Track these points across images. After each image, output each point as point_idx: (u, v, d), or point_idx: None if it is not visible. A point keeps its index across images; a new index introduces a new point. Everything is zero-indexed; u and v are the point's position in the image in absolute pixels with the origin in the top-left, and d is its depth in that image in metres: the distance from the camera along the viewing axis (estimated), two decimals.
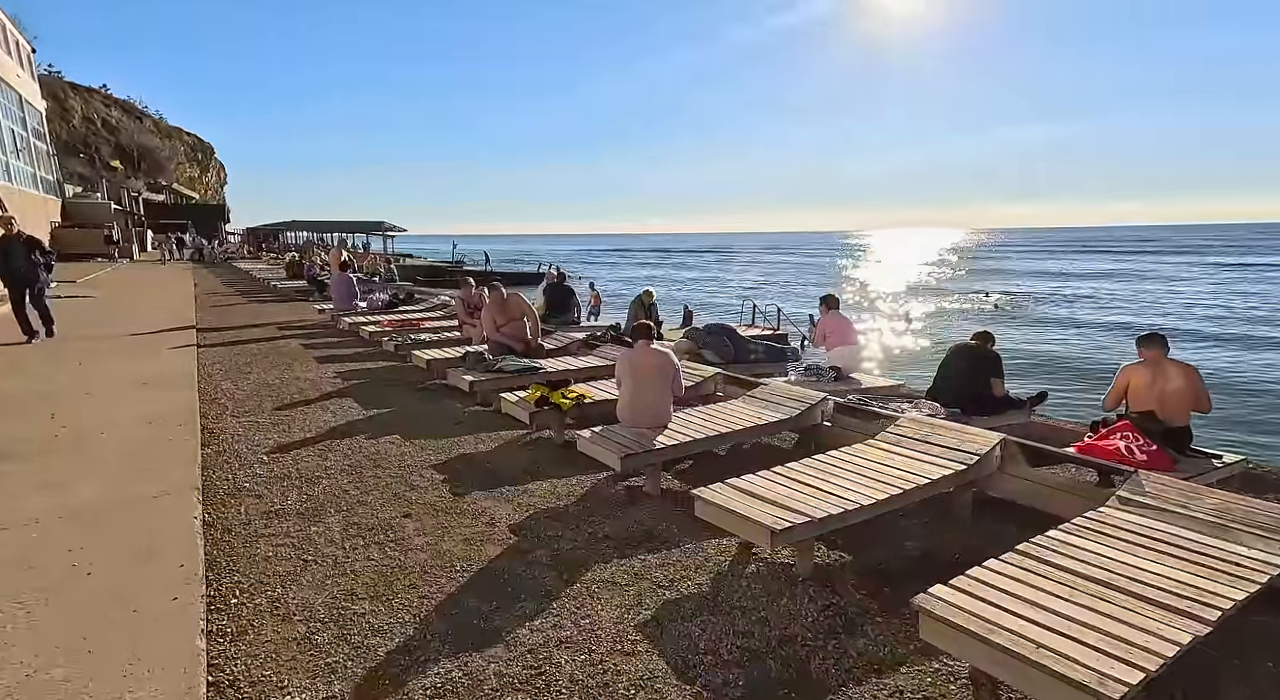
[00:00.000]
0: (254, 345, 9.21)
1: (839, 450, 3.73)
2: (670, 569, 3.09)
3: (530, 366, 6.04)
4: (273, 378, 7.12)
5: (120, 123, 66.28)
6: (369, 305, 11.18)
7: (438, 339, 8.14)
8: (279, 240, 54.38)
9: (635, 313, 9.04)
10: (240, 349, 8.86)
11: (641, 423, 4.21)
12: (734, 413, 4.56)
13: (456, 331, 8.68)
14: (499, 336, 7.05)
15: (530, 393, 5.04)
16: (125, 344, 8.82)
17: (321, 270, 18.24)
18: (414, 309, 11.65)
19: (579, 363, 6.56)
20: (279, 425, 5.35)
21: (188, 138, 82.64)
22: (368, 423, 5.49)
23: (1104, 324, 22.66)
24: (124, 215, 43.67)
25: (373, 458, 4.60)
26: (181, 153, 79.18)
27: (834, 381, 5.74)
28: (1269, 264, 51.89)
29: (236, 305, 14.55)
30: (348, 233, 48.29)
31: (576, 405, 4.88)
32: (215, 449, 4.68)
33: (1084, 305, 28.64)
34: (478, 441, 5.03)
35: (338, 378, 7.19)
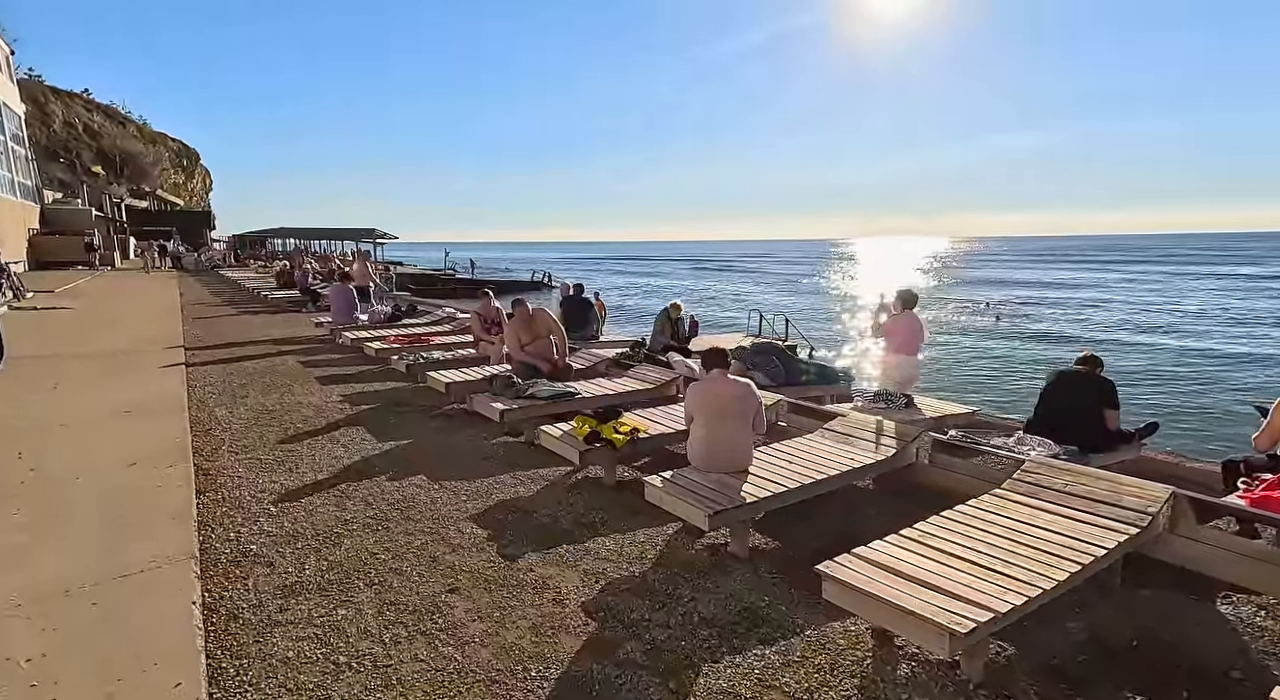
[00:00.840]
0: (248, 363, 8.49)
1: (968, 506, 3.12)
2: (800, 672, 2.45)
3: (565, 392, 5.41)
4: (272, 402, 6.42)
5: (102, 128, 65.00)
6: (370, 318, 10.49)
7: (452, 358, 7.47)
8: (265, 248, 53.34)
9: (662, 327, 8.44)
10: (233, 368, 8.14)
11: (718, 466, 3.59)
12: (819, 453, 3.95)
13: (471, 349, 8.02)
14: (524, 356, 6.41)
15: (577, 426, 4.40)
16: (106, 363, 8.08)
17: (314, 280, 17.49)
18: (418, 322, 10.96)
19: (615, 386, 5.92)
20: (284, 463, 4.67)
21: (173, 143, 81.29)
22: (385, 459, 4.82)
23: (1115, 337, 22.34)
24: (105, 222, 42.55)
25: (399, 505, 3.94)
26: (166, 159, 77.83)
27: (905, 408, 5.14)
28: (1259, 275, 52.36)
29: (226, 317, 13.77)
30: (337, 240, 47.35)
31: (631, 441, 4.25)
32: (213, 497, 3.99)
33: (1084, 313, 28.41)
34: (516, 482, 4.38)
35: (344, 402, 6.51)
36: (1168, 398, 13.40)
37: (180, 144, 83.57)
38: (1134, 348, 19.64)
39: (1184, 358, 17.95)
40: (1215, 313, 28.07)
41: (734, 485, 3.40)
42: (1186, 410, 12.33)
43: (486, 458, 4.89)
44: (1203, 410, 12.33)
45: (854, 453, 3.93)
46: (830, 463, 3.75)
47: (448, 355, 7.54)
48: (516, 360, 6.46)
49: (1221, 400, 13.07)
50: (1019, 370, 16.53)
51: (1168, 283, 45.97)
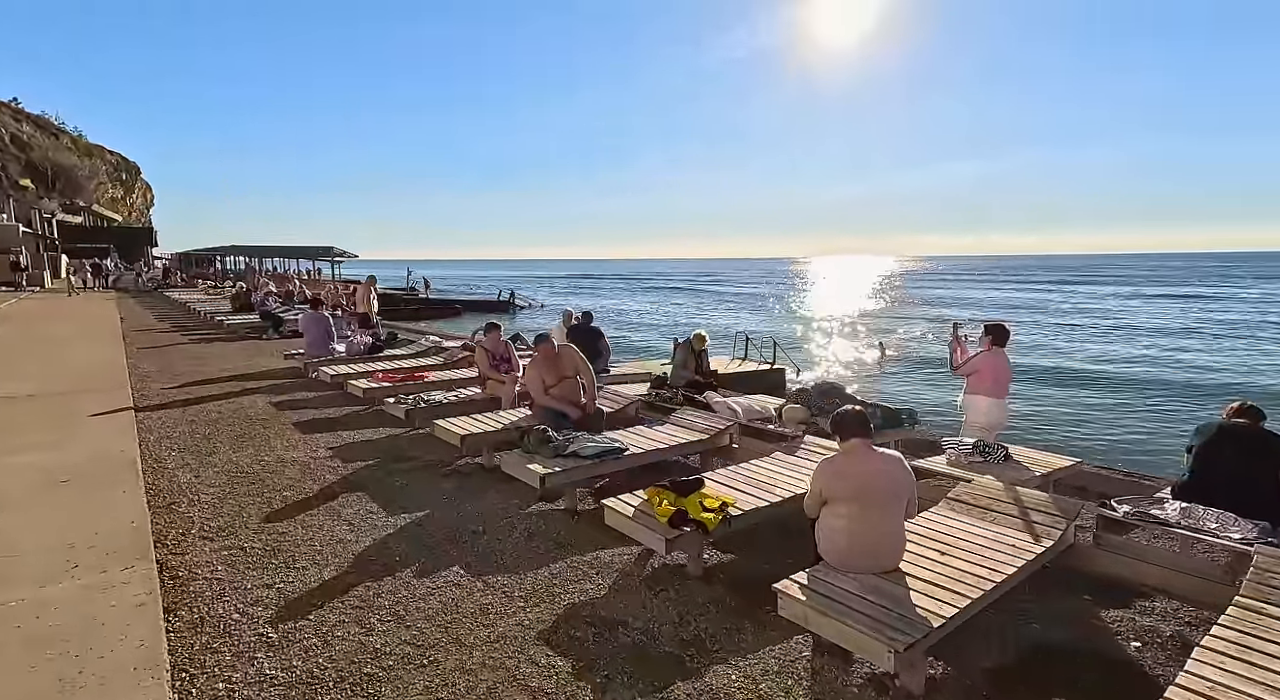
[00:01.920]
0: (210, 406, 7.33)
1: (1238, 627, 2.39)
2: None
3: (612, 448, 4.55)
4: (247, 460, 5.36)
5: (32, 139, 61.34)
6: (348, 349, 9.40)
7: (457, 400, 6.51)
8: (214, 266, 50.65)
9: (685, 361, 7.64)
10: (193, 413, 6.99)
11: (864, 564, 2.79)
12: (968, 537, 3.19)
13: (473, 387, 7.07)
14: (548, 401, 5.52)
15: (652, 500, 3.55)
16: (35, 409, 6.83)
17: (274, 302, 16.13)
18: (402, 354, 9.91)
19: (661, 437, 5.08)
20: (276, 552, 3.67)
21: (110, 156, 77.32)
22: (405, 541, 3.87)
23: (1091, 355, 22.54)
24: (35, 239, 39.71)
25: (441, 620, 3.01)
26: (103, 172, 73.90)
27: (1006, 462, 4.46)
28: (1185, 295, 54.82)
29: (177, 346, 12.40)
30: (292, 258, 45.16)
31: (724, 522, 3.43)
32: (188, 618, 2.99)
33: (1053, 333, 28.83)
34: (577, 574, 3.49)
35: (334, 457, 5.49)
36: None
37: (119, 157, 79.67)
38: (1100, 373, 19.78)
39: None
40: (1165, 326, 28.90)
41: (898, 594, 2.62)
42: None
43: (530, 535, 3.98)
44: None
45: (1010, 536, 3.19)
46: (995, 554, 2.99)
47: (450, 397, 6.58)
48: (539, 405, 5.57)
49: None
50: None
51: (1102, 301, 47.59)
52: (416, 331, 14.45)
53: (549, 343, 5.65)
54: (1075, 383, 17.24)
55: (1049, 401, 14.99)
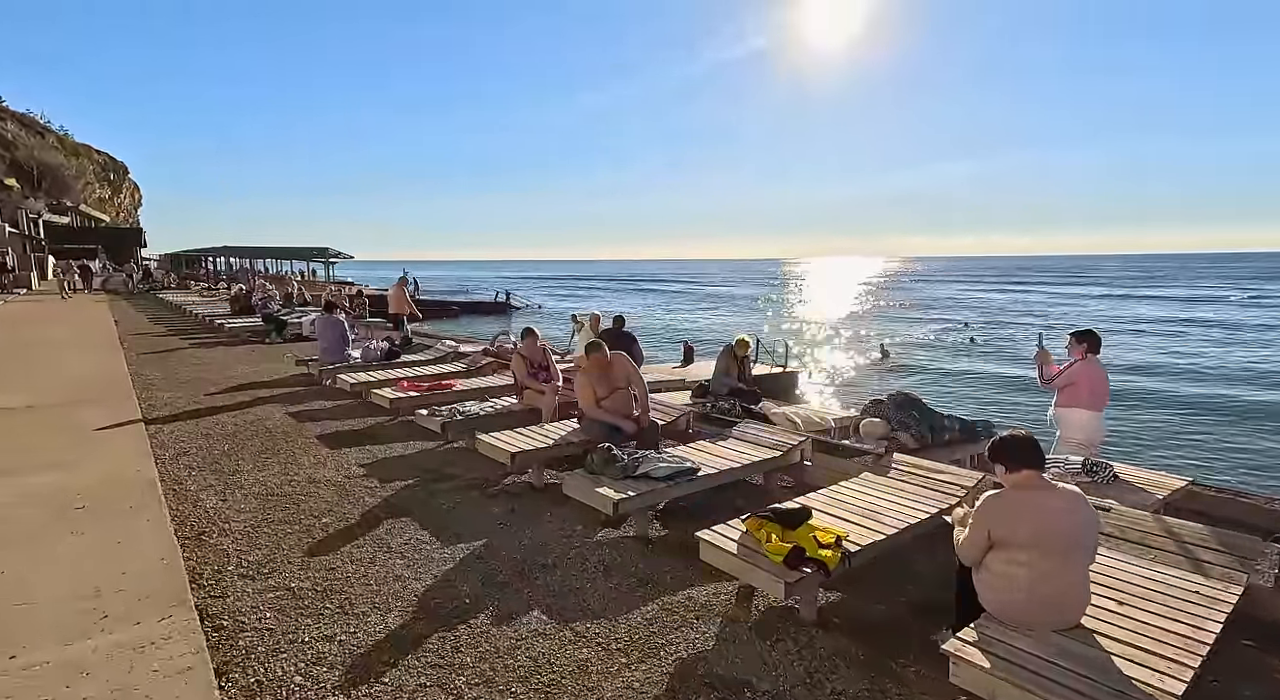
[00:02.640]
0: (224, 418, 6.86)
1: None
2: None
3: (685, 469, 4.14)
4: (275, 480, 4.91)
5: (17, 137, 60.23)
6: (364, 355, 8.93)
7: (494, 412, 6.08)
8: (205, 267, 49.81)
9: (727, 367, 7.23)
10: (207, 425, 6.52)
11: (1043, 619, 2.39)
12: (1146, 584, 2.77)
13: (507, 396, 6.64)
14: (600, 414, 5.10)
15: (755, 532, 3.14)
16: (36, 423, 6.34)
17: (269, 302, 15.58)
18: (421, 359, 9.45)
19: (728, 453, 4.67)
20: (330, 596, 3.23)
21: (98, 156, 76.17)
22: (470, 579, 3.43)
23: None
24: (21, 239, 38.84)
25: (541, 689, 2.56)
26: (90, 172, 72.76)
27: (1115, 482, 4.09)
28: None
29: (177, 351, 11.87)
30: (286, 259, 44.43)
31: (844, 560, 3.02)
32: (244, 685, 2.53)
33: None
34: (674, 618, 3.07)
35: (369, 476, 5.05)
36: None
37: (106, 156, 78.54)
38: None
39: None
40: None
41: (1099, 661, 2.21)
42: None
43: (606, 569, 3.56)
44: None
45: (1189, 581, 2.79)
46: (1186, 604, 2.59)
47: (486, 408, 6.14)
48: (590, 418, 5.15)
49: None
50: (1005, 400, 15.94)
51: (1097, 302, 47.62)
52: (429, 336, 13.96)
53: (602, 351, 5.23)
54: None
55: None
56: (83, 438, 5.82)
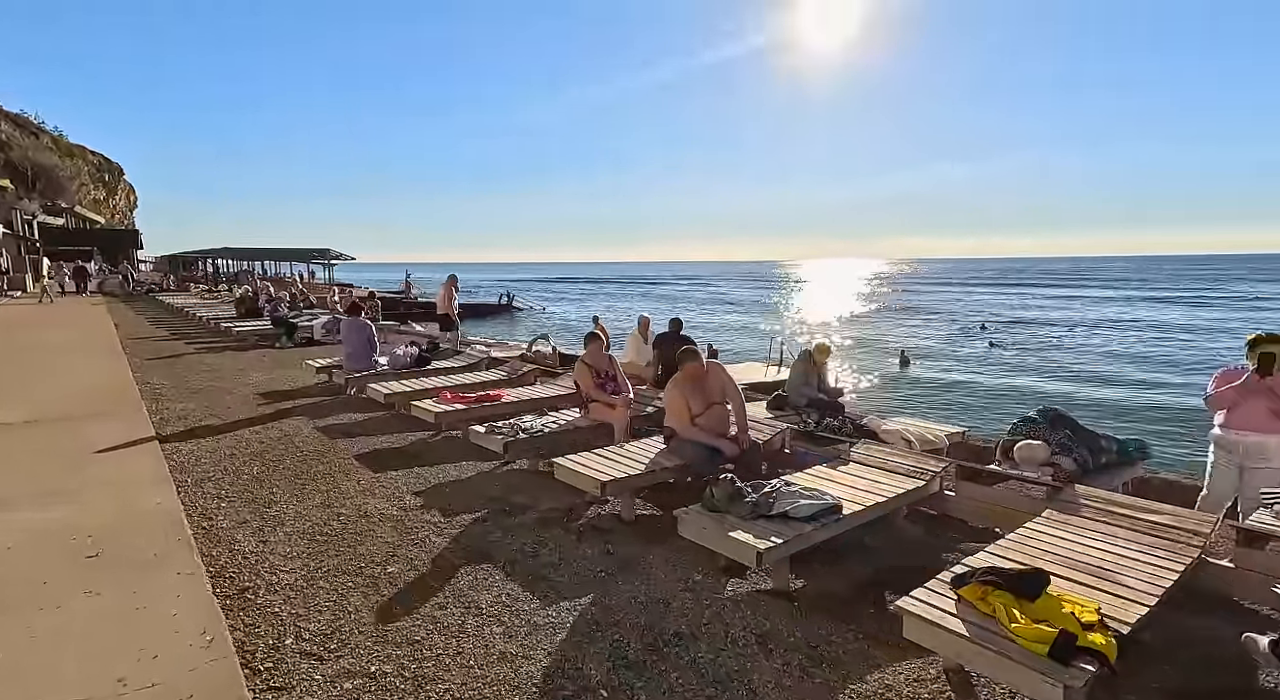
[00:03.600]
0: (247, 434, 6.11)
1: None
2: None
3: (826, 505, 3.42)
4: (319, 513, 4.17)
5: (11, 138, 59.25)
6: (392, 362, 8.19)
7: (557, 428, 5.34)
8: (203, 269, 48.95)
9: (806, 377, 6.50)
10: (229, 443, 5.77)
11: None
12: None
13: (568, 410, 5.91)
14: (696, 433, 4.37)
15: (993, 609, 2.42)
16: (36, 442, 5.59)
17: (279, 305, 14.79)
18: (450, 365, 8.71)
19: (866, 484, 3.95)
20: (423, 686, 2.48)
21: (92, 157, 75.15)
22: (593, 656, 2.69)
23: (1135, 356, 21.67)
24: (15, 240, 37.99)
25: None
26: (85, 173, 71.78)
27: None
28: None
29: (184, 357, 11.11)
30: (286, 261, 43.61)
31: (1118, 649, 2.30)
32: None
33: (1075, 336, 28.00)
34: None
35: (427, 507, 4.30)
36: None
37: (101, 157, 77.55)
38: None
39: None
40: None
41: None
42: None
43: (764, 644, 2.81)
44: None
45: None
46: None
47: (549, 424, 5.41)
48: (683, 438, 4.42)
49: None
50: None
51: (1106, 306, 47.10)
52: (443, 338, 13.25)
53: (697, 360, 4.51)
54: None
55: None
56: (91, 460, 5.07)
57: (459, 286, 12.47)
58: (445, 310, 12.25)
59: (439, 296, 12.57)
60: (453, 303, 12.30)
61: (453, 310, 12.27)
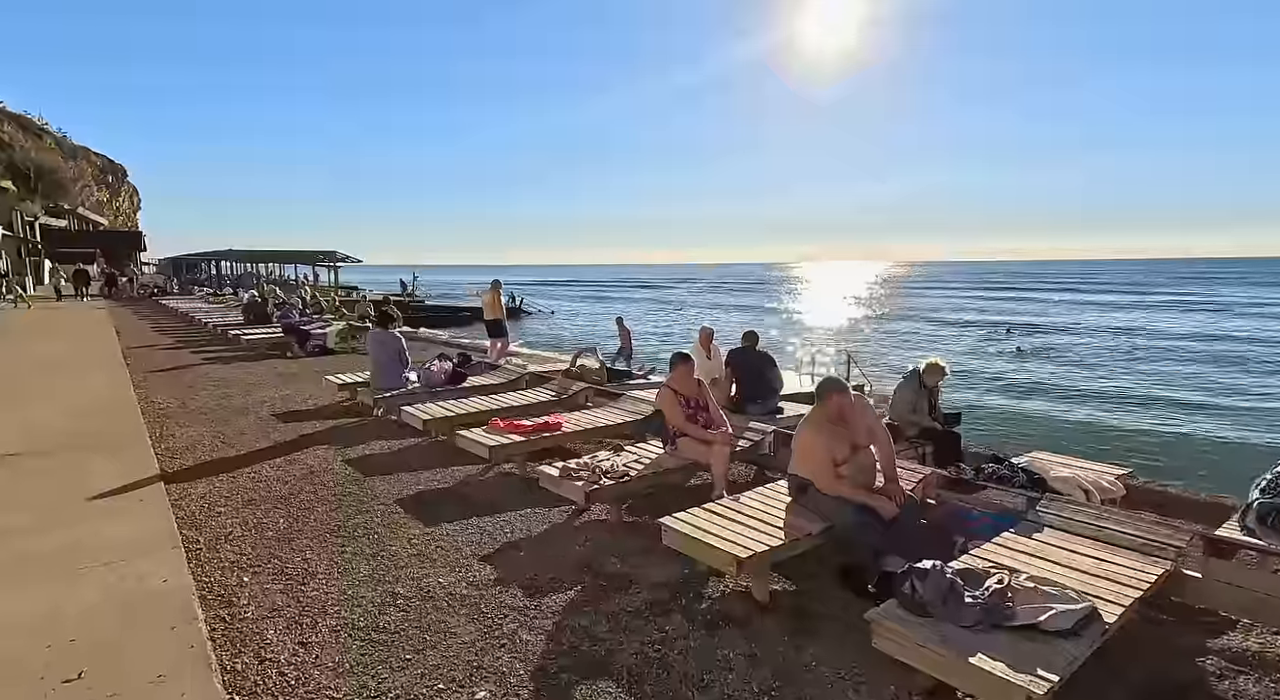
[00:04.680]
0: (265, 467, 5.21)
1: None
2: None
3: (1084, 610, 2.49)
4: (369, 591, 3.25)
5: (13, 138, 58.61)
6: (425, 379, 7.27)
7: (646, 471, 4.42)
8: (207, 272, 48.13)
9: (914, 400, 5.58)
10: (246, 482, 4.87)
11: None
12: None
13: (649, 445, 4.98)
14: (845, 489, 3.45)
15: None
16: (18, 483, 4.68)
17: (290, 311, 13.89)
18: (490, 382, 7.79)
19: (1089, 563, 3.02)
20: None
21: (96, 159, 74.52)
22: None
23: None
24: (16, 242, 37.20)
25: None
26: (88, 174, 71.16)
27: None
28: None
29: (191, 368, 10.22)
30: (292, 263, 42.75)
31: None
32: None
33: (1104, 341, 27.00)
34: None
35: (503, 583, 3.38)
36: None
37: (105, 159, 76.94)
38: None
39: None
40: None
41: None
42: None
43: None
44: None
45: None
46: None
47: (632, 464, 4.48)
48: (827, 491, 3.50)
49: None
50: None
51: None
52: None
53: (843, 391, 3.58)
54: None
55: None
56: (81, 511, 4.17)
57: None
58: (495, 315, 12.07)
59: (486, 301, 12.28)
60: (502, 309, 12.22)
61: (503, 315, 12.22)
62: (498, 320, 12.06)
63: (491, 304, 12.05)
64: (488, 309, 12.13)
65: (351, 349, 13.16)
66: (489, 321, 12.16)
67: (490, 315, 12.11)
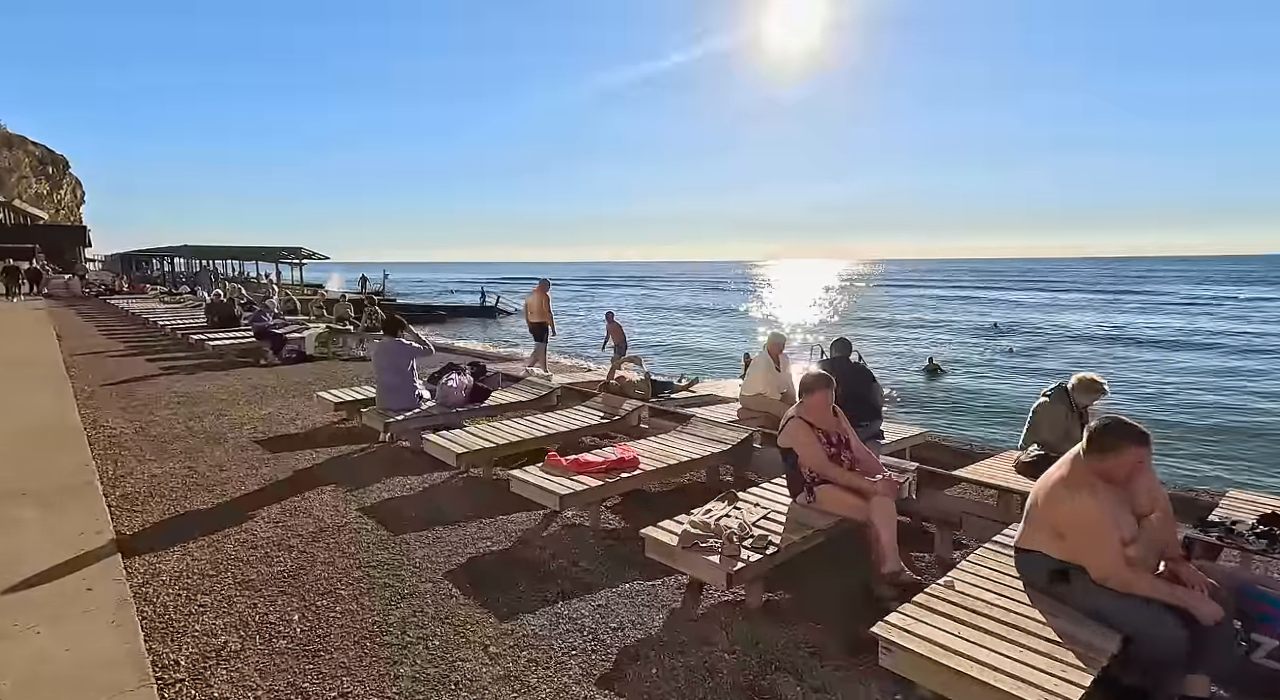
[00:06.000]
0: (259, 526, 3.95)
1: None
2: None
3: None
4: None
5: None
6: (444, 398, 6.03)
7: (792, 534, 3.33)
8: (159, 269, 45.30)
9: (1064, 424, 4.58)
10: (234, 549, 3.61)
11: None
12: None
13: (773, 488, 3.88)
14: (1146, 584, 2.40)
15: None
16: None
17: (264, 313, 12.37)
18: (518, 399, 6.57)
19: None
20: None
21: (34, 148, 69.98)
22: None
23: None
24: None
25: None
26: (26, 164, 66.74)
27: None
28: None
29: (147, 381, 8.74)
30: (253, 260, 40.31)
31: None
32: None
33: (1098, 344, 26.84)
34: None
35: None
36: None
37: (44, 149, 72.38)
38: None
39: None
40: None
41: None
42: None
43: None
44: None
45: None
46: None
47: (770, 526, 3.38)
48: (1120, 586, 2.43)
49: None
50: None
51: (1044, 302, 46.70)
52: (497, 357, 11.08)
53: (1140, 445, 2.51)
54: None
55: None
56: (12, 608, 2.89)
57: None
58: (542, 318, 11.01)
59: (529, 304, 11.22)
60: (550, 312, 11.13)
61: (550, 320, 11.12)
62: (543, 324, 11.03)
63: (538, 307, 11.01)
64: (532, 312, 11.10)
65: (332, 354, 11.78)
66: (534, 325, 11.10)
67: (535, 318, 11.07)
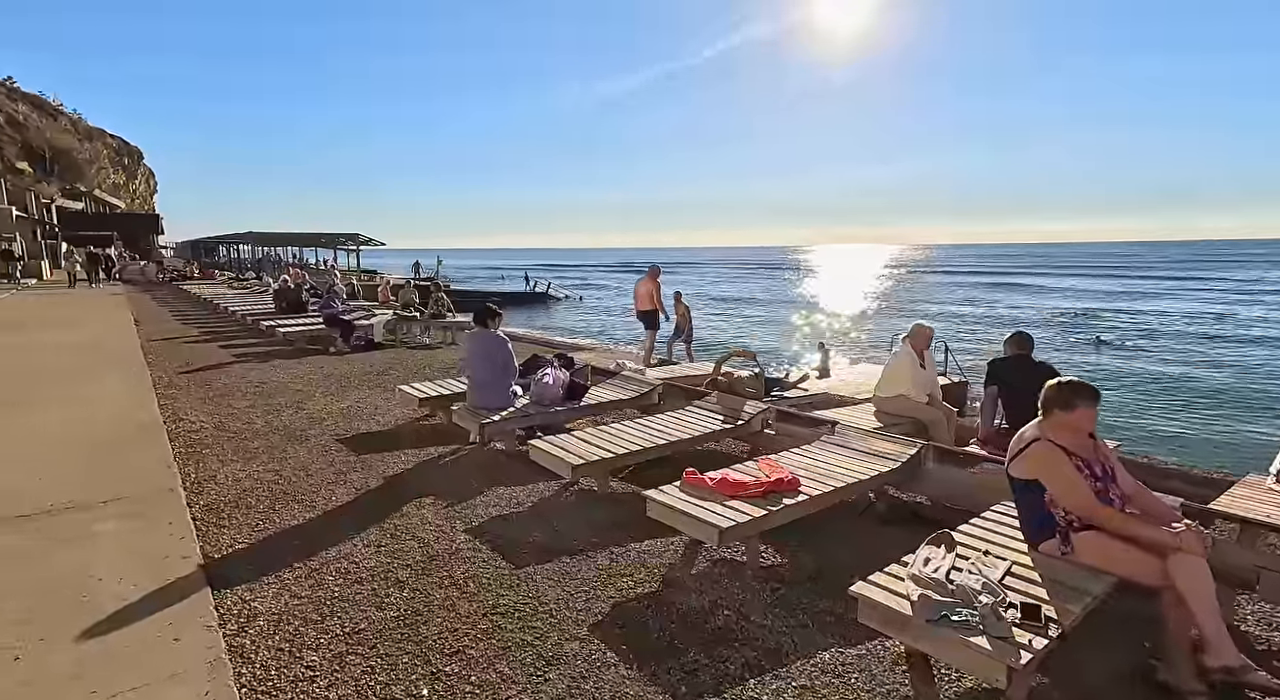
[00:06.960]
0: (356, 548, 3.38)
1: None
2: None
3: None
4: None
5: (28, 119, 57.27)
6: (540, 396, 5.42)
7: (1054, 600, 2.55)
8: (226, 255, 46.65)
9: None
10: (332, 580, 3.04)
11: None
12: None
13: (998, 519, 3.09)
14: None
15: None
16: (15, 572, 2.89)
17: (333, 300, 12.08)
18: (616, 396, 5.92)
19: None
20: None
21: (111, 140, 73.10)
22: None
23: None
24: (31, 224, 35.87)
25: None
26: (104, 156, 69.80)
27: None
28: None
29: (222, 369, 8.46)
30: (312, 247, 41.09)
31: None
32: None
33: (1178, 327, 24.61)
34: None
35: None
36: None
37: (120, 141, 75.60)
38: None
39: None
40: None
41: None
42: None
43: None
44: None
45: None
46: None
47: (1015, 582, 2.60)
48: None
49: None
50: None
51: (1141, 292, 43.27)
52: (577, 345, 10.54)
53: None
54: None
55: None
56: (66, 672, 2.37)
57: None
58: (653, 306, 10.57)
59: (639, 291, 10.69)
60: (660, 301, 10.69)
61: (662, 307, 10.71)
62: (654, 311, 10.57)
63: (649, 295, 10.53)
64: (643, 300, 10.60)
65: (400, 342, 11.43)
66: (644, 313, 10.62)
67: (645, 306, 10.59)
